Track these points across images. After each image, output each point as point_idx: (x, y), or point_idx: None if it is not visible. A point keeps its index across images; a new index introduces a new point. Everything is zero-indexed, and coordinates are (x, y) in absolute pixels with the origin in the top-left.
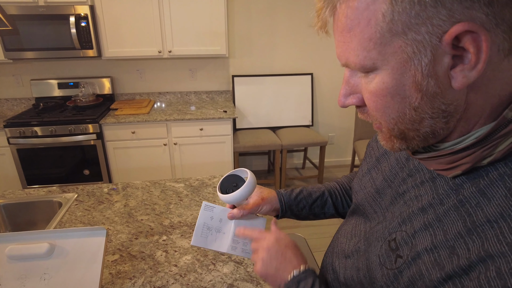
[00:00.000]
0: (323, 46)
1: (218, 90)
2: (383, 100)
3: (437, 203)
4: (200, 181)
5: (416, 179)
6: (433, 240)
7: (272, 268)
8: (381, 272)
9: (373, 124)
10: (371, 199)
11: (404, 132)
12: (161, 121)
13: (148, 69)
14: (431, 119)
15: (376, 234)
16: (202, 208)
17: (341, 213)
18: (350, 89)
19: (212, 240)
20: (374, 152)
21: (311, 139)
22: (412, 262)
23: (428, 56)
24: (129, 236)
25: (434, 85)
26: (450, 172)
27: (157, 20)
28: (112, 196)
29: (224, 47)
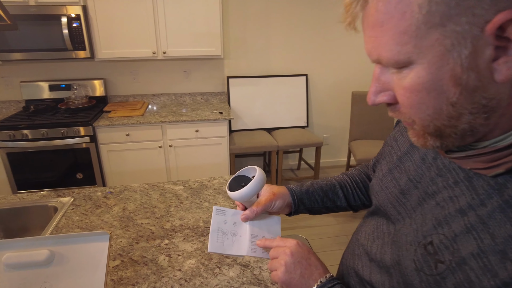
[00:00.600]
0: (318, 47)
1: (213, 91)
2: (418, 96)
3: (477, 205)
4: (200, 183)
5: (447, 179)
6: (479, 245)
7: (297, 275)
8: (418, 278)
9: (403, 120)
10: (394, 200)
11: (440, 129)
12: (156, 123)
13: (141, 70)
14: (470, 115)
15: (407, 238)
16: (213, 212)
17: (353, 206)
18: (380, 86)
19: (229, 244)
20: (395, 151)
21: (307, 140)
22: (457, 268)
23: (469, 48)
24: (129, 241)
25: (474, 79)
26: (490, 171)
27: (151, 20)
28: (110, 199)
29: (219, 48)
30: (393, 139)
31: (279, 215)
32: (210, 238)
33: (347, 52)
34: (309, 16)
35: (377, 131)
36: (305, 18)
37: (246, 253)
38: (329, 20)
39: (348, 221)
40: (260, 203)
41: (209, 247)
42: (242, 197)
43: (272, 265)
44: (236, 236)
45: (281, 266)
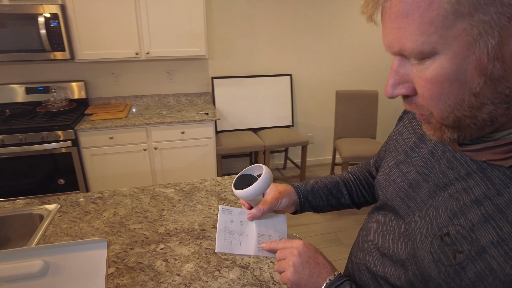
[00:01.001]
0: (302, 47)
1: (197, 92)
2: (440, 87)
3: (493, 195)
4: (191, 185)
5: (459, 171)
6: (498, 233)
7: (306, 274)
8: (437, 269)
9: (418, 115)
10: (403, 194)
11: (459, 120)
12: (140, 125)
13: (123, 72)
14: (492, 105)
15: (420, 230)
16: (220, 212)
17: (357, 203)
18: (399, 78)
19: (236, 244)
20: (401, 145)
21: (293, 139)
22: (477, 257)
23: (496, 37)
24: (123, 247)
25: (500, 68)
26: (508, 161)
27: (133, 20)
28: (99, 205)
29: (203, 48)
30: (398, 134)
31: (284, 213)
32: (217, 238)
33: (331, 51)
34: (293, 16)
35: (361, 129)
36: (289, 18)
37: (254, 253)
38: (313, 20)
39: (335, 219)
40: (267, 202)
41: (217, 247)
42: (249, 195)
43: (280, 266)
44: (243, 235)
45: (290, 267)
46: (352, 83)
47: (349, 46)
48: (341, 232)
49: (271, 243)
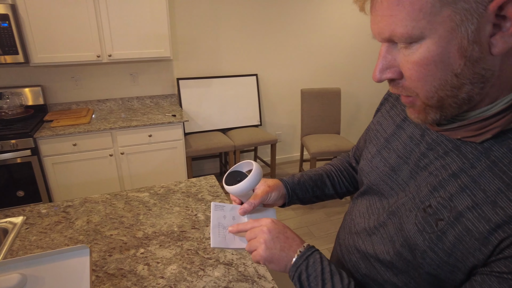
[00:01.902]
0: (266, 47)
1: (162, 94)
2: (426, 69)
3: (468, 168)
4: (166, 188)
5: (437, 151)
6: (473, 199)
7: (277, 249)
8: (421, 237)
9: (403, 98)
10: (386, 177)
11: (442, 100)
12: (105, 130)
13: (84, 75)
14: (470, 85)
15: (405, 206)
16: (212, 208)
17: (339, 193)
18: (387, 63)
19: (231, 239)
20: (381, 134)
21: (262, 138)
22: (455, 221)
23: (475, 23)
24: (101, 254)
25: (478, 51)
26: (479, 137)
27: (93, 22)
28: (70, 214)
29: (168, 49)
30: (378, 124)
31: (273, 207)
32: (212, 233)
33: (295, 51)
34: (257, 16)
35: (326, 126)
36: (253, 19)
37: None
38: (277, 21)
39: (306, 213)
40: (257, 196)
41: (212, 242)
42: (241, 190)
43: (251, 246)
44: None
45: (261, 244)
46: (315, 81)
47: (312, 46)
48: (313, 225)
49: (239, 225)
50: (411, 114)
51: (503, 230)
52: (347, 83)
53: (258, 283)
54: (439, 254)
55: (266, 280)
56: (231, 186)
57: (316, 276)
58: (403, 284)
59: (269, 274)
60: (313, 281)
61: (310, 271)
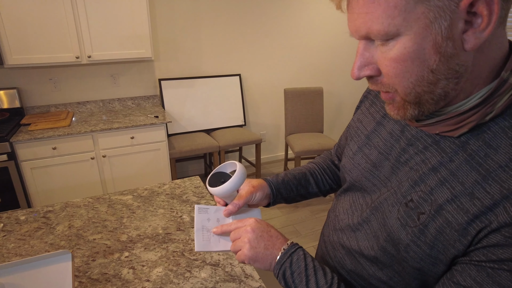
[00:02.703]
0: (249, 47)
1: (144, 95)
2: (403, 65)
3: (446, 161)
4: (150, 190)
5: (417, 146)
6: (452, 192)
7: (261, 248)
8: (405, 231)
9: (383, 94)
10: (368, 173)
11: (420, 96)
12: (86, 132)
13: (63, 77)
14: (446, 80)
15: (387, 201)
16: (196, 212)
17: (323, 191)
18: (365, 60)
19: (215, 241)
20: (361, 131)
21: (246, 138)
22: (436, 214)
23: (448, 20)
24: (84, 259)
25: (451, 47)
26: (456, 132)
27: (71, 22)
28: (51, 219)
29: (149, 49)
30: (358, 121)
31: (258, 207)
32: (196, 237)
33: (277, 51)
34: (239, 16)
35: (310, 125)
36: (235, 19)
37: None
38: (259, 21)
39: (291, 212)
40: (242, 197)
41: (196, 246)
42: (225, 192)
43: (235, 246)
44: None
45: (245, 244)
46: (298, 81)
47: (294, 45)
48: (299, 223)
49: (223, 226)
50: (390, 110)
51: (480, 220)
52: (328, 82)
53: (245, 282)
54: (422, 247)
55: (253, 279)
56: (215, 187)
57: (300, 273)
58: (388, 278)
59: (256, 273)
60: (297, 278)
61: (294, 268)
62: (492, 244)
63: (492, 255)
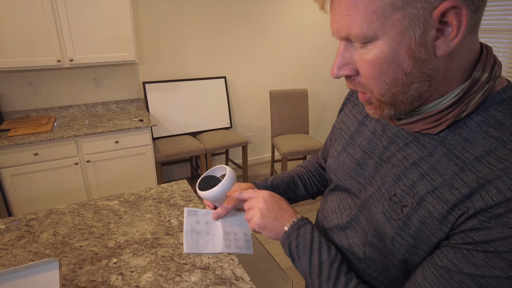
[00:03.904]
0: (234, 49)
1: (128, 98)
2: (379, 68)
3: (427, 156)
4: (136, 195)
5: (398, 144)
6: (432, 184)
7: (271, 218)
8: (389, 225)
9: (360, 96)
10: (353, 172)
11: (395, 96)
12: (69, 137)
13: (44, 81)
14: (419, 83)
15: (373, 198)
16: (185, 214)
17: (311, 194)
18: (344, 61)
19: (204, 244)
20: (345, 131)
21: (233, 140)
22: (418, 206)
23: (421, 28)
24: (70, 267)
25: (424, 53)
26: (435, 129)
27: (52, 25)
28: (34, 227)
29: (132, 53)
30: (341, 123)
31: None
32: (184, 239)
33: (262, 53)
34: (222, 19)
35: (295, 126)
36: (219, 21)
37: (221, 250)
38: (243, 23)
39: None
40: (231, 200)
41: (185, 248)
42: (215, 196)
43: (248, 214)
44: (209, 235)
45: (257, 213)
46: (283, 83)
47: (278, 48)
48: None
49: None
50: (369, 110)
51: (459, 208)
52: (312, 84)
53: (236, 285)
54: (406, 239)
55: (244, 281)
56: (205, 191)
57: (304, 245)
58: (377, 273)
59: (247, 275)
60: (301, 250)
61: (300, 240)
62: (469, 228)
63: (468, 238)
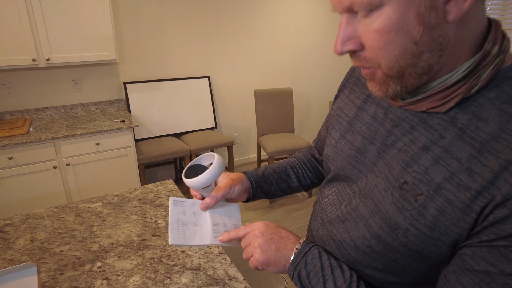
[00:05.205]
0: (217, 48)
1: (108, 99)
2: (386, 37)
3: (437, 139)
4: (120, 197)
5: (403, 127)
6: (448, 169)
7: (272, 251)
8: (402, 215)
9: (363, 71)
10: (353, 160)
11: (403, 70)
12: (47, 140)
13: (18, 82)
14: (429, 52)
15: (378, 187)
16: (170, 204)
17: (304, 185)
18: (347, 35)
19: (191, 235)
20: (343, 118)
21: (218, 140)
22: (435, 194)
23: None
24: (50, 274)
25: (434, 17)
26: (444, 106)
27: (26, 22)
28: (9, 233)
29: (113, 52)
30: (338, 109)
31: (237, 202)
32: (170, 230)
33: (245, 52)
34: (205, 18)
35: (281, 125)
36: (201, 20)
37: (209, 242)
38: (225, 23)
39: (267, 213)
40: (220, 189)
41: (170, 239)
42: (202, 183)
43: (247, 253)
44: (197, 226)
45: (256, 249)
46: (267, 82)
47: (262, 47)
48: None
49: (229, 233)
50: (372, 87)
51: (483, 196)
52: (296, 83)
53: (229, 284)
54: (422, 230)
55: (238, 281)
56: (191, 179)
57: (316, 273)
58: (384, 266)
59: (240, 274)
60: (313, 279)
61: (310, 268)
62: (500, 219)
63: (501, 231)
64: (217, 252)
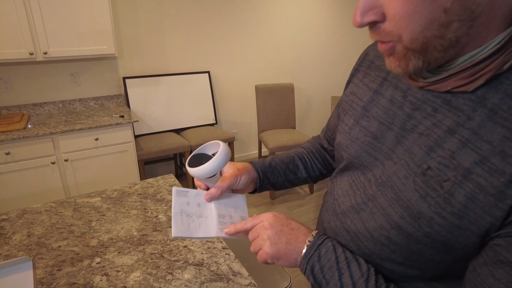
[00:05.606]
0: (217, 43)
1: (107, 95)
2: (413, 5)
3: (464, 120)
4: (120, 191)
5: (424, 110)
6: (478, 152)
7: (283, 243)
8: (426, 204)
9: (381, 46)
10: (369, 147)
11: (428, 42)
12: (45, 135)
13: (16, 76)
14: (459, 22)
15: (397, 175)
16: (174, 194)
17: (312, 176)
18: (368, 4)
19: (195, 227)
20: (357, 103)
21: (219, 136)
22: (464, 179)
23: None
24: (48, 270)
25: None
26: (471, 85)
27: (23, 15)
28: (5, 228)
29: (112, 46)
30: (351, 94)
31: (243, 193)
32: (173, 222)
33: (246, 47)
34: (205, 12)
35: (282, 121)
36: (202, 15)
37: (215, 234)
38: (226, 17)
39: (268, 209)
40: (225, 179)
41: (174, 231)
42: (206, 172)
43: (255, 246)
44: (202, 217)
45: (265, 241)
46: (268, 77)
47: (263, 42)
48: None
49: (236, 225)
50: (391, 63)
51: None
52: (297, 78)
53: (233, 280)
54: (448, 219)
55: (242, 277)
56: (196, 167)
57: (330, 267)
58: (404, 259)
59: (245, 270)
60: (328, 273)
61: (324, 262)
62: None
63: None
64: (220, 247)
